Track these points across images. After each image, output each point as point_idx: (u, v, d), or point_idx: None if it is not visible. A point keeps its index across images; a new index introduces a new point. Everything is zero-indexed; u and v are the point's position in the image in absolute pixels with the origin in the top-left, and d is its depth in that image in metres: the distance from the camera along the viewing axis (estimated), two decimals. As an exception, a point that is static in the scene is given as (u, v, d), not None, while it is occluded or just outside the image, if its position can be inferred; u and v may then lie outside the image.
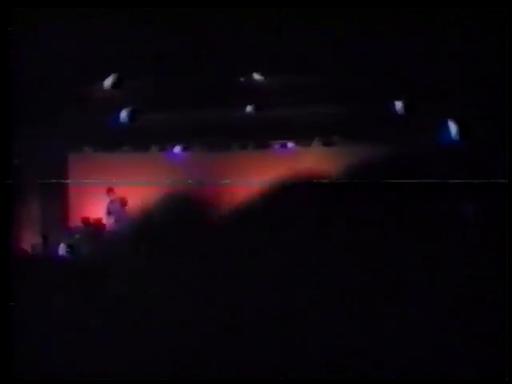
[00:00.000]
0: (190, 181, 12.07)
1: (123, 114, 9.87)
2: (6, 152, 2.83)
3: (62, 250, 11.33)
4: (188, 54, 7.67)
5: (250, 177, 12.25)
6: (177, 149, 12.83)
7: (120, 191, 12.02)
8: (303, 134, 12.28)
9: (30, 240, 11.89)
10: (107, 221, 11.94)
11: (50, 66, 7.12)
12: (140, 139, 12.38)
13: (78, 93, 8.99)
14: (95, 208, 12.53)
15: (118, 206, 11.90)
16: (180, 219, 11.24)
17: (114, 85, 8.55)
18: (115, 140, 12.35)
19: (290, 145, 12.66)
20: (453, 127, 9.45)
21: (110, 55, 7.29)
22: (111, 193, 11.99)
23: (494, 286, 2.19)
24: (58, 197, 12.81)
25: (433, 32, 6.57)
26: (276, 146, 12.69)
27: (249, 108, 9.78)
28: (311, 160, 12.53)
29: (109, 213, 11.96)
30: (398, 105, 8.99)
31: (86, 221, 12.38)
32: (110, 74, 8.60)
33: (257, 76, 8.38)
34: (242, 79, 8.69)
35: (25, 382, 2.25)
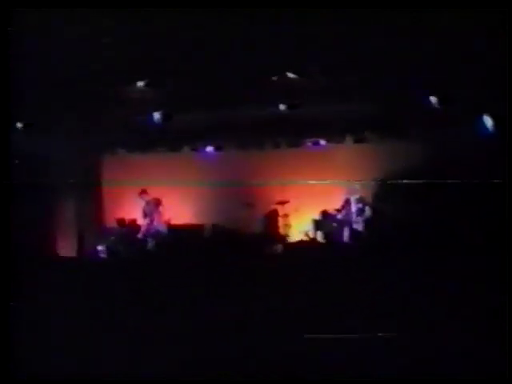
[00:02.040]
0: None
1: (156, 116, 9.92)
2: (5, 152, 2.86)
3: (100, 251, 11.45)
4: (220, 53, 7.67)
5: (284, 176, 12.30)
6: (209, 148, 12.88)
7: (154, 192, 12.06)
8: (335, 132, 12.27)
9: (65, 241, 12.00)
10: (143, 222, 11.93)
11: (50, 65, 7.14)
12: (173, 140, 12.44)
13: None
14: (130, 209, 12.61)
15: (152, 207, 11.89)
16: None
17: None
18: (148, 141, 12.45)
19: (322, 142, 12.67)
20: (488, 120, 9.37)
21: (108, 57, 7.27)
22: (144, 194, 11.95)
23: (493, 285, 2.18)
24: (92, 198, 12.93)
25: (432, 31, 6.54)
26: (308, 143, 12.70)
27: (282, 106, 9.75)
28: (343, 157, 12.53)
29: (145, 215, 11.93)
30: (433, 100, 8.92)
31: (121, 222, 12.45)
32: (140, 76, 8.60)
33: (290, 75, 8.36)
34: (274, 78, 8.67)
35: (25, 382, 2.28)
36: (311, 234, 12.03)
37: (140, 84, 8.76)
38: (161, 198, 11.92)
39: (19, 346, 2.31)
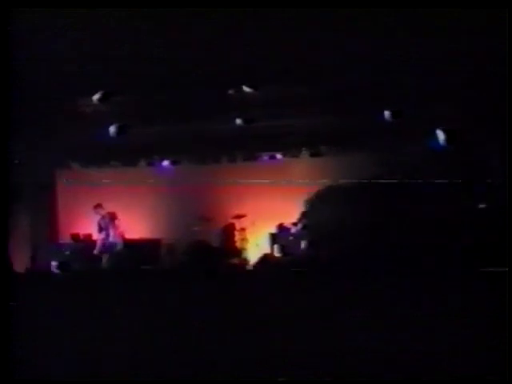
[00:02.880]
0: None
1: (112, 129, 9.83)
2: (5, 152, 2.82)
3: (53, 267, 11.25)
4: (174, 67, 7.67)
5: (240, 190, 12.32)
6: (165, 162, 12.83)
7: (109, 206, 11.93)
8: (291, 146, 12.35)
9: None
10: (98, 237, 11.78)
11: (50, 65, 7.08)
12: (129, 154, 12.35)
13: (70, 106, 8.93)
14: (85, 224, 12.47)
15: (108, 222, 11.75)
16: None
17: (102, 99, 8.51)
18: (104, 155, 12.34)
19: (278, 156, 12.74)
20: (440, 135, 9.54)
21: (108, 57, 7.23)
22: (100, 208, 11.80)
23: (494, 285, 2.22)
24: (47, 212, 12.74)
25: (431, 33, 6.60)
26: (265, 157, 12.75)
27: (238, 121, 9.77)
28: (299, 170, 12.62)
29: (100, 229, 11.77)
30: (387, 114, 9.06)
31: (76, 237, 12.31)
32: (96, 88, 8.56)
33: (246, 89, 8.39)
34: (230, 92, 8.69)
35: (25, 382, 2.25)
36: (268, 248, 12.07)
37: (95, 97, 8.69)
38: (116, 212, 11.80)
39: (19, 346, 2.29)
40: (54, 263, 11.30)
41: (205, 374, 2.10)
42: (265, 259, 11.53)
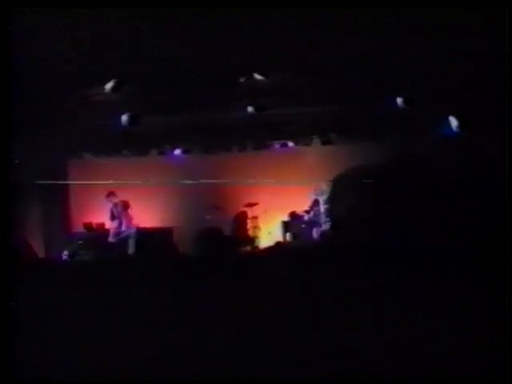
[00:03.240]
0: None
1: (124, 118, 9.83)
2: (5, 152, 2.83)
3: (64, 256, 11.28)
4: (186, 55, 7.65)
5: (252, 178, 12.30)
6: (177, 151, 12.83)
7: (121, 195, 11.95)
8: (302, 134, 12.31)
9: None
10: (111, 225, 11.79)
11: (50, 65, 7.08)
12: (140, 143, 12.35)
13: (79, 96, 8.94)
14: (97, 213, 12.49)
15: (120, 210, 11.75)
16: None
17: (115, 88, 8.47)
18: (115, 144, 12.34)
19: (289, 144, 12.71)
20: (453, 121, 9.50)
21: (108, 57, 7.24)
22: (112, 196, 11.79)
23: (494, 285, 2.21)
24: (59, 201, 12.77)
25: (432, 32, 6.58)
26: (276, 145, 12.73)
27: (249, 109, 9.74)
28: (311, 158, 12.59)
29: (113, 217, 11.77)
30: (399, 101, 9.02)
31: (88, 226, 12.33)
32: (108, 77, 8.54)
33: (257, 76, 8.36)
34: (242, 80, 8.67)
35: (25, 382, 2.25)
36: (280, 236, 12.07)
37: (107, 86, 8.68)
38: (128, 201, 11.80)
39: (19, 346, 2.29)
40: (65, 253, 11.38)
41: (207, 373, 2.09)
42: (277, 247, 11.53)
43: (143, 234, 11.70)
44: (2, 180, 2.72)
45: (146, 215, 12.28)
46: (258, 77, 8.35)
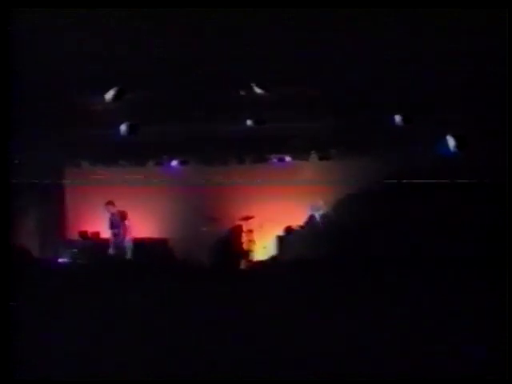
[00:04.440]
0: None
1: (123, 128, 9.81)
2: (5, 152, 2.82)
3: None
4: (186, 66, 7.67)
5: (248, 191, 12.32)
6: (174, 163, 12.83)
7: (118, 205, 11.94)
8: (300, 149, 12.33)
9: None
10: (110, 234, 11.76)
11: (50, 66, 7.08)
12: (138, 153, 12.35)
13: (78, 104, 8.94)
14: (93, 221, 12.48)
15: (118, 220, 11.72)
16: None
17: (115, 97, 8.44)
18: (113, 154, 12.34)
19: (287, 159, 12.73)
20: (451, 140, 9.52)
21: (108, 57, 7.23)
22: (111, 206, 11.78)
23: (494, 285, 2.20)
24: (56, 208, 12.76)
25: (432, 34, 6.59)
26: (274, 160, 12.75)
27: (248, 122, 9.75)
28: (308, 173, 12.61)
29: (112, 226, 11.74)
30: (397, 118, 9.03)
31: (83, 234, 12.31)
32: (108, 78, 8.52)
33: (257, 90, 8.37)
34: (242, 93, 8.68)
35: (25, 382, 2.24)
36: (275, 251, 12.06)
37: (107, 96, 8.67)
38: (126, 212, 11.79)
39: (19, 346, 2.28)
40: (60, 260, 11.36)
41: (205, 374, 2.08)
42: (271, 261, 11.54)
43: (138, 245, 11.67)
44: (1, 180, 2.73)
45: (141, 226, 12.26)
46: (258, 90, 8.36)
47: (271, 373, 2.10)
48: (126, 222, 11.63)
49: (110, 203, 11.71)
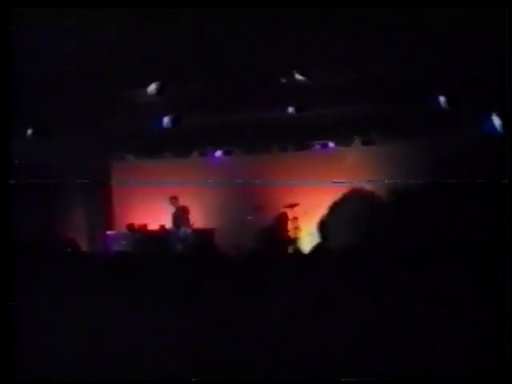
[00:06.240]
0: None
1: (166, 120, 9.89)
2: (5, 152, 2.88)
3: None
4: (226, 56, 7.67)
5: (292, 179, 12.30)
6: (218, 153, 12.89)
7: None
8: (343, 134, 12.26)
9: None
10: (173, 229, 11.81)
11: (50, 66, 7.14)
12: (182, 145, 12.44)
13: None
14: (140, 214, 12.64)
15: (182, 217, 11.79)
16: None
17: (158, 92, 8.48)
18: (157, 146, 12.45)
19: (330, 145, 12.68)
20: (496, 120, 9.36)
21: (122, 59, 7.26)
22: (175, 201, 11.86)
23: (494, 285, 2.17)
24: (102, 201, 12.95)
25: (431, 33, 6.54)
26: (317, 146, 12.71)
27: (290, 109, 9.73)
28: (351, 159, 12.55)
29: (176, 224, 11.82)
30: (442, 100, 8.89)
31: (131, 227, 12.47)
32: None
33: (298, 76, 8.34)
34: (283, 80, 8.66)
35: (25, 382, 2.27)
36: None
37: (149, 89, 8.73)
38: (188, 206, 11.86)
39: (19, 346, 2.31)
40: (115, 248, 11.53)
41: (206, 374, 2.08)
42: (318, 248, 11.50)
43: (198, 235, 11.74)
44: (1, 180, 2.76)
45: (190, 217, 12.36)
46: (298, 77, 8.33)
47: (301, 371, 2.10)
48: (190, 217, 11.69)
49: (174, 198, 11.81)
